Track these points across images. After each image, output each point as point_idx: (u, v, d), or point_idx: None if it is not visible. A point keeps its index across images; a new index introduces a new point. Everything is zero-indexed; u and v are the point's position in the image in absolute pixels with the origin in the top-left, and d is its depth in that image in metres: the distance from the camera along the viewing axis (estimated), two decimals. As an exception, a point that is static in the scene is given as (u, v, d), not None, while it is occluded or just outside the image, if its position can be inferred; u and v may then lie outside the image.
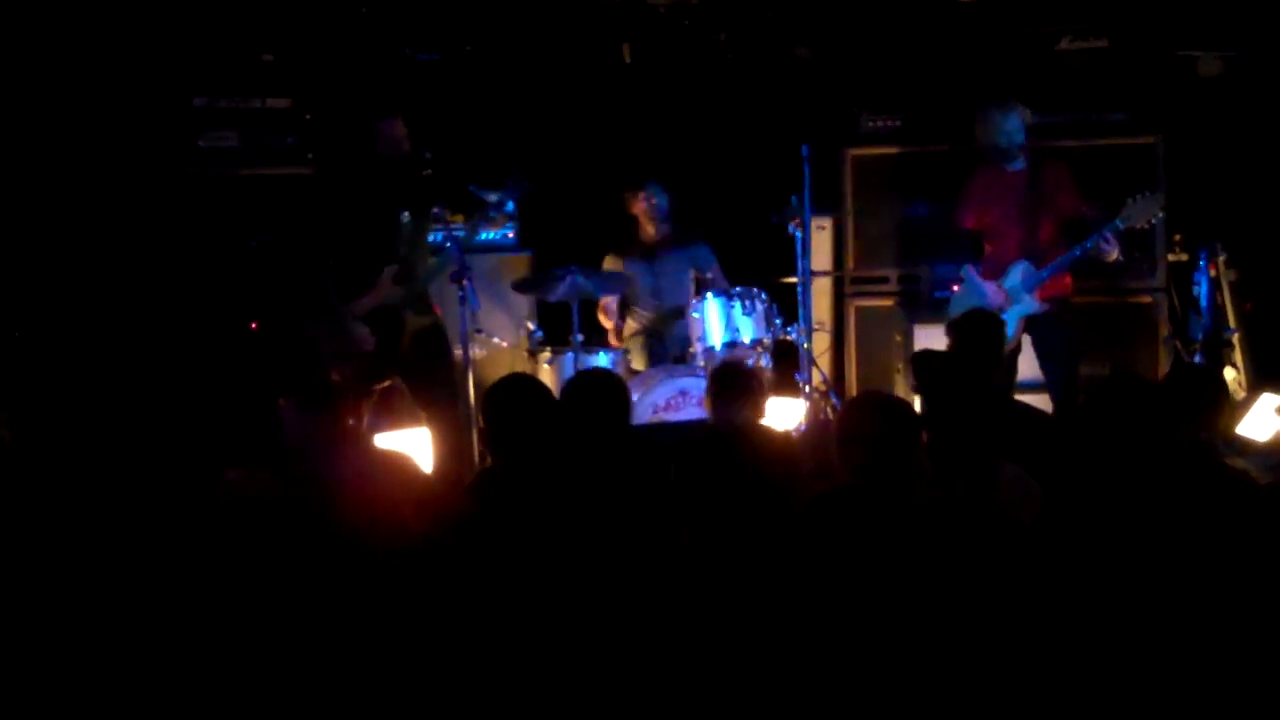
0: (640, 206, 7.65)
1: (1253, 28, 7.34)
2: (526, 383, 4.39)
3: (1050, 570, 3.63)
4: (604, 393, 4.61)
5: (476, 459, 6.36)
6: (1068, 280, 6.76)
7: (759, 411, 5.40)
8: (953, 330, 5.64)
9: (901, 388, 7.52)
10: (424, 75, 7.86)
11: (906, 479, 3.84)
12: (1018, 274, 6.67)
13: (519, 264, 7.96)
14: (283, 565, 3.59)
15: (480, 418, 4.58)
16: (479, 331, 7.05)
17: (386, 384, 6.53)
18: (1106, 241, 6.44)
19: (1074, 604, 3.41)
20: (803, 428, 7.14)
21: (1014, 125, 6.70)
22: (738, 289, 7.23)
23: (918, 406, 5.04)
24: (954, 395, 4.77)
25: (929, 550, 3.55)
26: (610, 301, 7.74)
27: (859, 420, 3.99)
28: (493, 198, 6.75)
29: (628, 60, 8.37)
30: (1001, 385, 5.58)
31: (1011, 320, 6.65)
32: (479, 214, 6.45)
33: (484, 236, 7.74)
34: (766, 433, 4.91)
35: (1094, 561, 3.59)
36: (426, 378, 6.53)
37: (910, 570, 3.16)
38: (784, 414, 7.53)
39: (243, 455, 5.03)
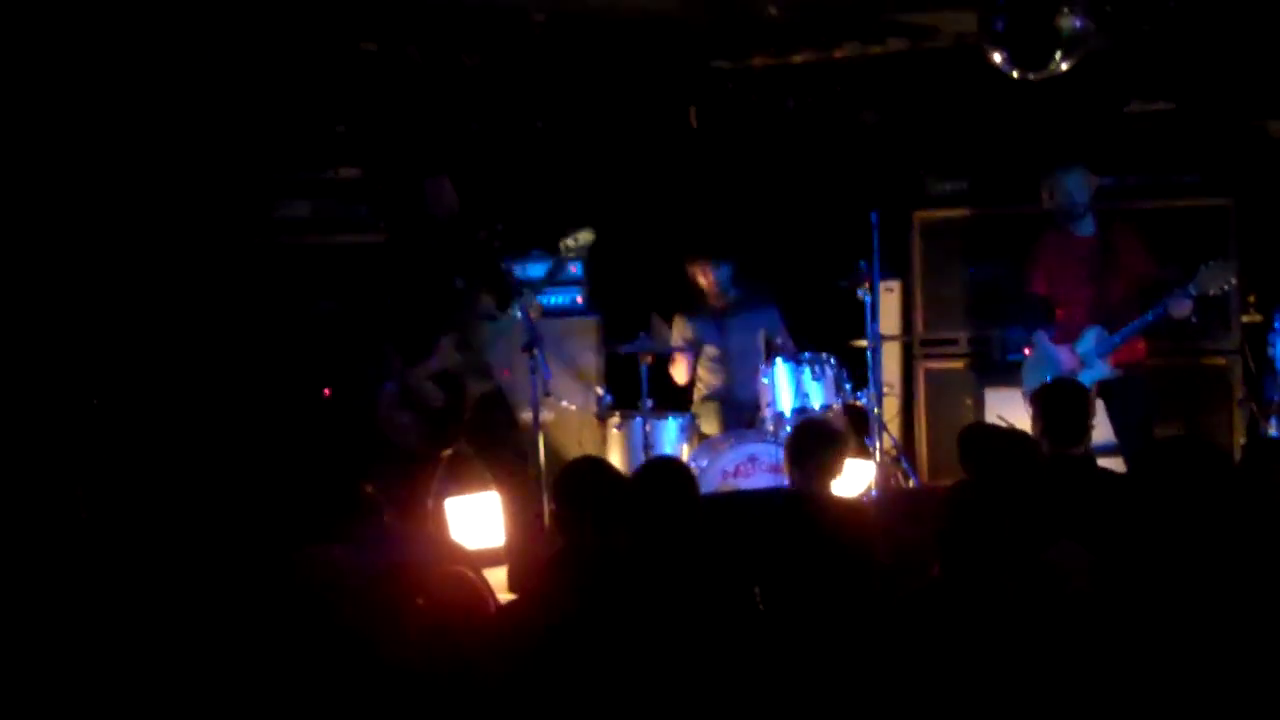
0: (702, 279, 7.66)
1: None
2: (597, 467, 4.40)
3: (1100, 642, 3.61)
4: (673, 479, 4.58)
5: (547, 523, 6.36)
6: (1141, 345, 6.71)
7: (839, 468, 5.38)
8: (1036, 400, 5.57)
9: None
10: (493, 143, 7.95)
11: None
12: (1091, 339, 6.62)
13: (587, 327, 8.00)
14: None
15: (551, 497, 4.59)
16: (548, 395, 7.08)
17: (452, 451, 6.59)
18: (1178, 305, 6.40)
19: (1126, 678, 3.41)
20: (874, 493, 7.12)
21: (1075, 184, 6.69)
22: (807, 354, 7.22)
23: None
24: (1006, 474, 4.75)
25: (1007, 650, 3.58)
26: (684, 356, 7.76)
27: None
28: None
29: (694, 125, 8.43)
30: (1087, 454, 5.50)
31: (1085, 385, 6.59)
32: (524, 294, 6.53)
33: (553, 300, 7.81)
34: (844, 503, 4.92)
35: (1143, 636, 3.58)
36: (491, 444, 6.57)
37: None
38: (855, 475, 7.53)
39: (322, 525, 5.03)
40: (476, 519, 7.11)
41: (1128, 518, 4.24)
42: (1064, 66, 5.69)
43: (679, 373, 7.71)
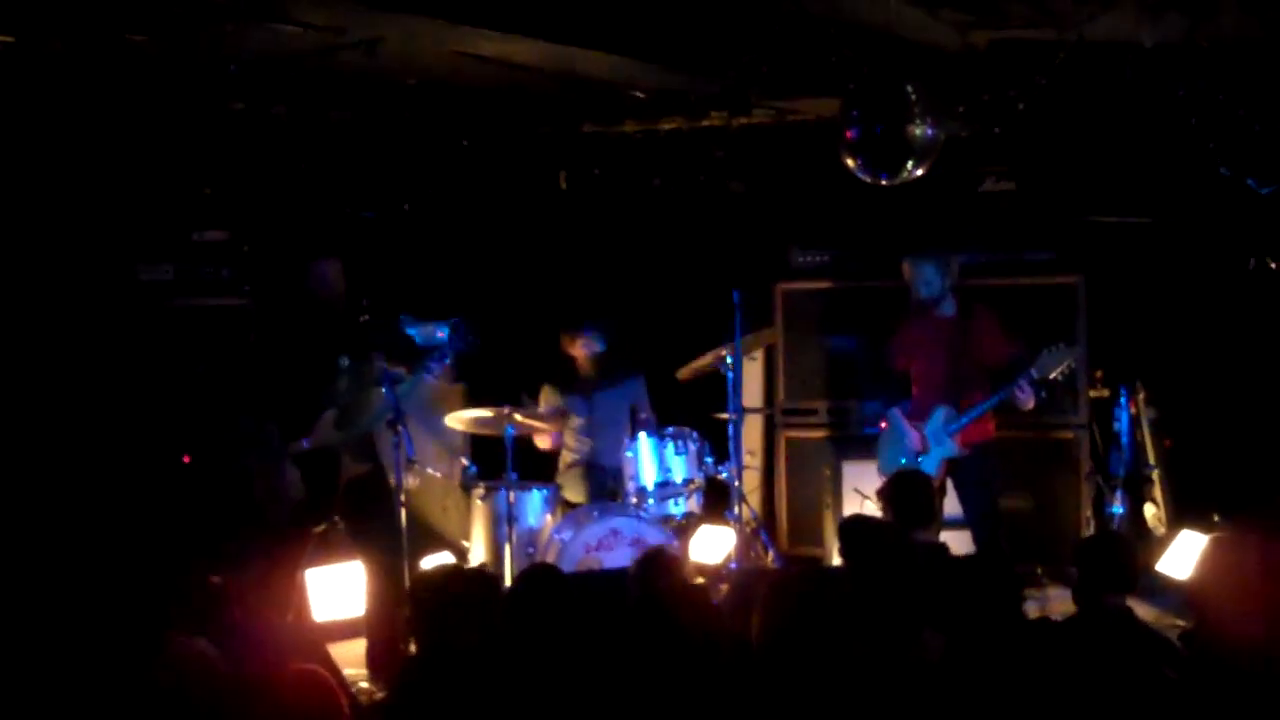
0: (577, 349, 7.73)
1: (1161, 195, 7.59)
2: (455, 579, 4.41)
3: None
4: (550, 591, 4.59)
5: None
6: (989, 425, 6.91)
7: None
8: (883, 495, 5.76)
9: (830, 522, 7.64)
10: (360, 223, 7.95)
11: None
12: (940, 419, 6.82)
13: (452, 394, 8.01)
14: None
15: (408, 602, 4.59)
16: (412, 463, 7.07)
17: (323, 528, 6.57)
18: (1021, 390, 6.62)
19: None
20: (734, 564, 7.26)
21: (930, 275, 6.87)
22: (670, 429, 7.33)
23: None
24: (881, 563, 4.88)
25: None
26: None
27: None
28: (432, 344, 6.81)
29: (564, 187, 8.51)
30: (936, 542, 5.67)
31: (934, 461, 6.81)
32: (419, 364, 6.51)
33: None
34: (692, 598, 5.02)
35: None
36: (364, 526, 6.53)
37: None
38: (714, 542, 7.66)
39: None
40: (338, 589, 7.11)
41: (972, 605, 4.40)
42: (918, 173, 5.86)
43: (543, 441, 7.76)
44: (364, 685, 6.19)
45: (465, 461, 7.52)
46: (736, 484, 7.28)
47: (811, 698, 3.91)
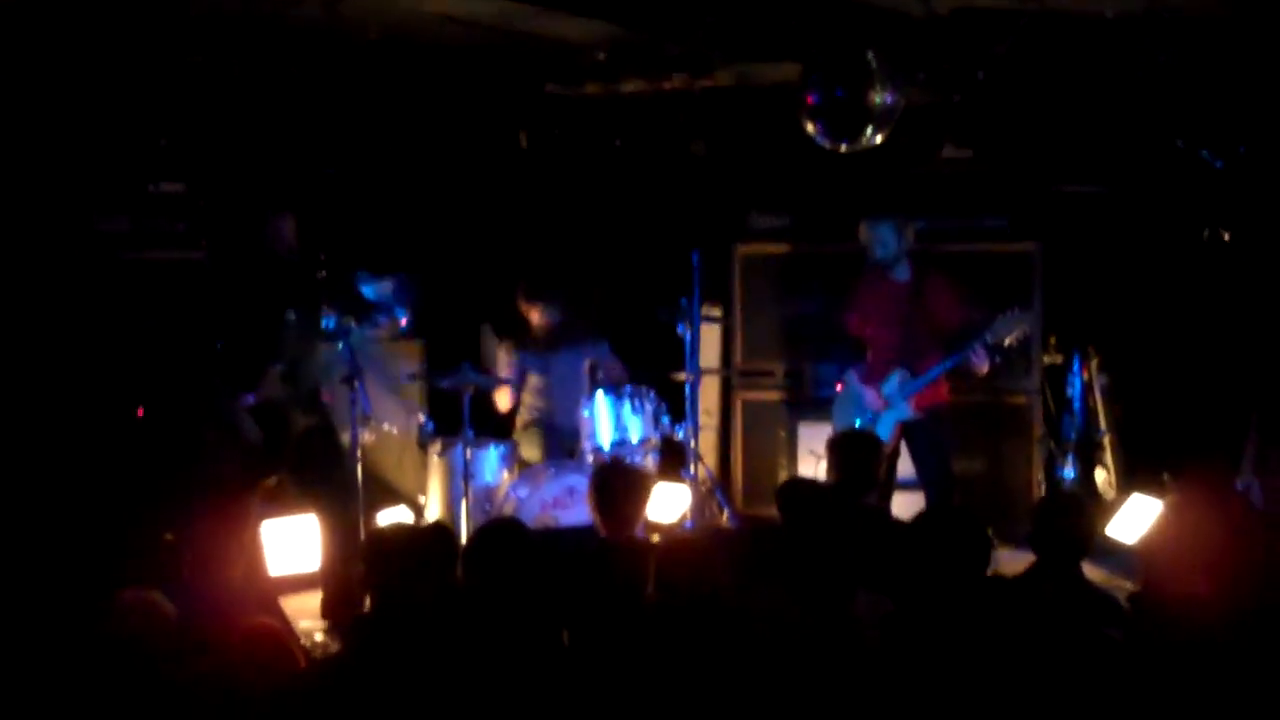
0: (535, 315, 7.73)
1: (1117, 166, 7.65)
2: (425, 536, 4.43)
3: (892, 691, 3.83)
4: (509, 546, 4.58)
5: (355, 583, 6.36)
6: (943, 389, 6.98)
7: (642, 511, 5.49)
8: (830, 451, 5.81)
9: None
10: (319, 179, 7.91)
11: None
12: (895, 381, 6.88)
13: (410, 350, 8.01)
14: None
15: (362, 559, 4.59)
16: (368, 419, 7.08)
17: (275, 481, 6.56)
18: (976, 354, 6.69)
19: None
20: (689, 524, 7.30)
21: (885, 236, 6.92)
22: (628, 388, 7.35)
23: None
24: (819, 525, 4.94)
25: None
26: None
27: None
28: (382, 300, 6.81)
29: (524, 146, 8.49)
30: (878, 506, 5.74)
31: (888, 424, 6.88)
32: (367, 317, 6.52)
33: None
34: (649, 547, 5.07)
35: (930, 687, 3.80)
36: (314, 478, 6.54)
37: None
38: (670, 500, 7.69)
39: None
40: (292, 543, 7.09)
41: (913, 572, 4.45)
42: (877, 139, 5.89)
43: (502, 399, 7.77)
44: (319, 639, 6.19)
45: (422, 418, 7.52)
46: (692, 444, 7.31)
47: (740, 653, 3.97)
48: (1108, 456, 7.85)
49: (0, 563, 5.93)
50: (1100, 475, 7.85)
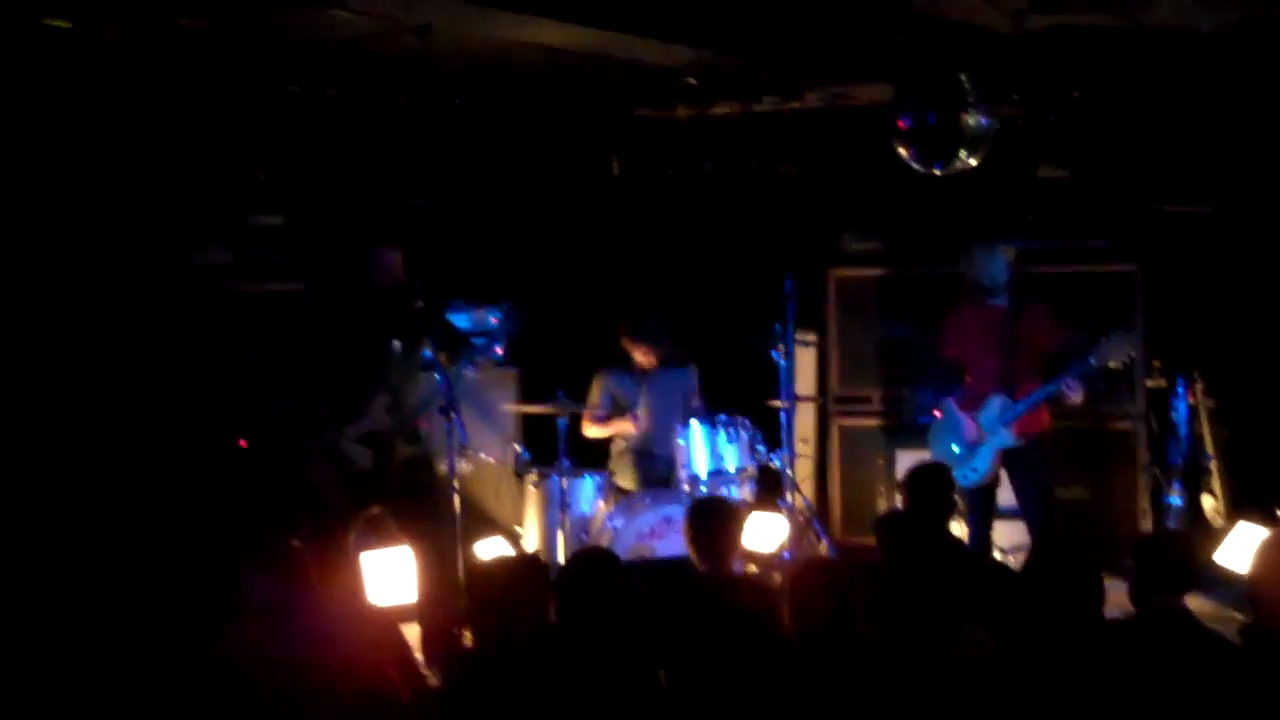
0: (638, 354, 7.66)
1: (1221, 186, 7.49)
2: (521, 571, 4.40)
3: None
4: (600, 573, 4.56)
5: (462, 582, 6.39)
6: (1045, 415, 6.85)
7: (738, 543, 5.43)
8: (904, 487, 5.74)
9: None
10: (412, 209, 7.97)
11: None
12: (994, 408, 6.76)
13: (506, 379, 8.03)
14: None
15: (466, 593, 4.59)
16: (465, 448, 7.10)
17: (373, 512, 6.59)
18: (1069, 386, 6.55)
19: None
20: (786, 555, 7.22)
21: (998, 267, 6.79)
22: (722, 416, 7.30)
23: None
24: (912, 556, 4.85)
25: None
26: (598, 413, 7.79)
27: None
28: (479, 329, 6.84)
29: (616, 173, 8.50)
30: (957, 541, 5.64)
31: (988, 453, 6.76)
32: (463, 350, 6.57)
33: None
34: (748, 582, 5.01)
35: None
36: (413, 507, 6.58)
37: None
38: (767, 529, 7.61)
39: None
40: (390, 574, 7.13)
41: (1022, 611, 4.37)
42: (971, 162, 5.80)
43: (590, 429, 7.75)
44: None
45: (518, 447, 7.54)
46: (789, 472, 7.25)
47: (848, 693, 3.90)
48: (1215, 483, 7.65)
49: (110, 597, 6.02)
50: (1208, 502, 7.65)
